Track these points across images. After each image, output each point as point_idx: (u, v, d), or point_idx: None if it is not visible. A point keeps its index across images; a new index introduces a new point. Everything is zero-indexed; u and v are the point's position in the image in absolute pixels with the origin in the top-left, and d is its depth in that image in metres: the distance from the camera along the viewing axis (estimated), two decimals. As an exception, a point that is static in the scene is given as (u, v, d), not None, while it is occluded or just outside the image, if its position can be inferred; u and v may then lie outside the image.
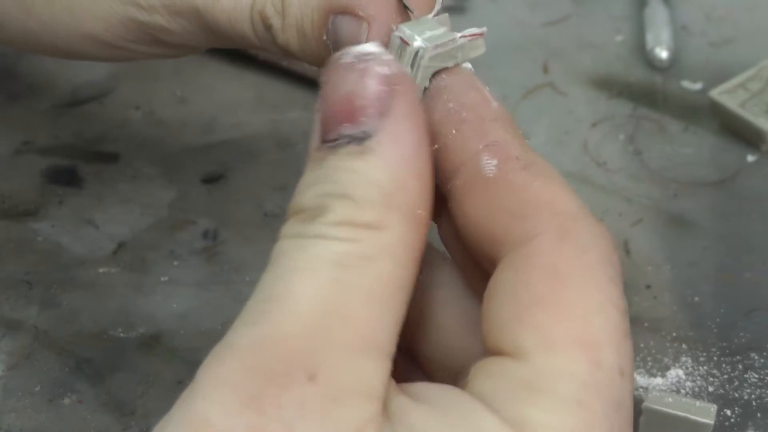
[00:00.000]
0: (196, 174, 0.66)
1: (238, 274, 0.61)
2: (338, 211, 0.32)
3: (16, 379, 0.56)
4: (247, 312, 0.32)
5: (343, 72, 0.34)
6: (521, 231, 0.33)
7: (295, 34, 0.43)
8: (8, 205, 0.64)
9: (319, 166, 0.33)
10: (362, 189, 0.32)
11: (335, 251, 0.32)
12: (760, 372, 0.56)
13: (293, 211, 0.33)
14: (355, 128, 0.33)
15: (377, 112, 0.33)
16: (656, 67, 0.72)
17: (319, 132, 0.34)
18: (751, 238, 0.62)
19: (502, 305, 0.33)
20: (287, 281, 0.32)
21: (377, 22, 0.39)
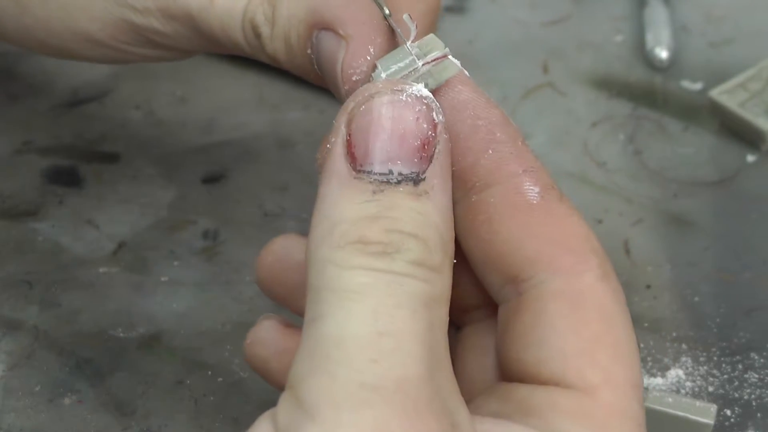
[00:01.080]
0: (196, 174, 0.66)
1: (238, 274, 0.61)
2: (413, 251, 0.33)
3: (16, 379, 0.56)
4: (360, 346, 0.32)
5: (403, 109, 0.34)
6: (569, 262, 0.35)
7: (282, 44, 0.43)
8: (8, 205, 0.64)
9: (370, 198, 0.33)
10: (429, 232, 0.33)
11: (423, 292, 0.32)
12: (760, 372, 0.56)
13: (351, 241, 0.33)
14: (408, 168, 0.34)
15: (428, 156, 0.34)
16: (656, 67, 0.72)
17: (357, 156, 0.34)
18: (751, 238, 0.62)
19: (561, 338, 0.34)
20: (393, 319, 0.32)
21: (355, 42, 0.40)
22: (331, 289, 0.33)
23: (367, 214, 0.33)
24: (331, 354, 0.32)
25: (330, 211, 0.34)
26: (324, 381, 0.31)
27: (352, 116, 0.35)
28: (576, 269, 0.35)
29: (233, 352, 0.57)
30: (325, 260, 0.33)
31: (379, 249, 0.33)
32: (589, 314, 0.35)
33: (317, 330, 0.32)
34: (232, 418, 0.54)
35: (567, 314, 0.35)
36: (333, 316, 0.32)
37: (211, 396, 0.55)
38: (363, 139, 0.34)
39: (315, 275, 0.33)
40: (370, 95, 0.35)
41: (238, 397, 0.55)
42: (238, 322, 0.58)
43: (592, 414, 0.34)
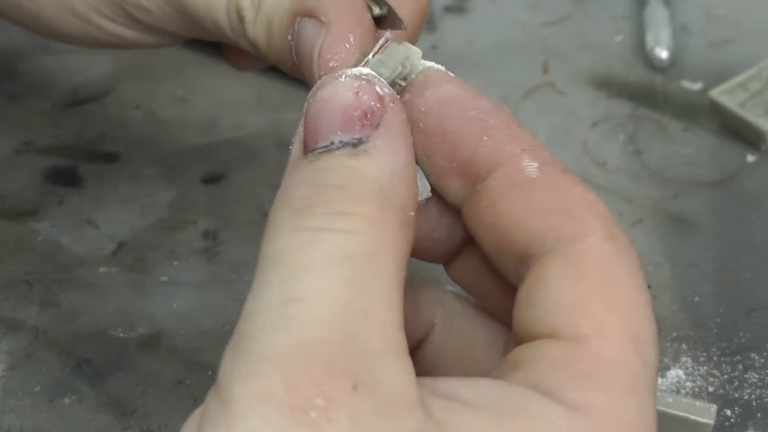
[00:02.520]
0: (196, 174, 0.66)
1: (238, 274, 0.61)
2: (338, 201, 0.32)
3: (16, 379, 0.56)
4: (265, 316, 0.31)
5: (341, 87, 0.35)
6: (572, 228, 0.35)
7: (264, 30, 0.44)
8: (8, 205, 0.64)
9: (308, 167, 0.34)
10: (360, 182, 0.33)
11: (342, 246, 0.31)
12: (760, 372, 0.56)
13: (282, 202, 0.33)
14: (348, 135, 0.34)
15: (371, 123, 0.34)
16: (656, 67, 0.72)
17: (306, 140, 0.35)
18: (751, 238, 0.62)
19: (556, 293, 0.34)
20: (302, 281, 0.31)
21: (335, 29, 0.40)
22: (258, 262, 0.32)
23: (296, 179, 0.33)
24: (242, 329, 0.31)
25: (282, 190, 0.34)
26: (232, 356, 0.31)
27: (306, 109, 0.35)
28: (578, 233, 0.35)
29: (233, 352, 0.57)
30: (265, 236, 0.33)
31: (301, 204, 0.32)
32: (587, 270, 0.34)
33: (247, 306, 0.32)
34: (232, 418, 0.54)
35: (564, 272, 0.34)
36: (252, 291, 0.31)
37: (211, 396, 0.55)
38: (312, 122, 0.35)
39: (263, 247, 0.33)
40: (318, 86, 0.36)
41: (238, 397, 0.55)
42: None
43: (577, 362, 0.33)
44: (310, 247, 0.31)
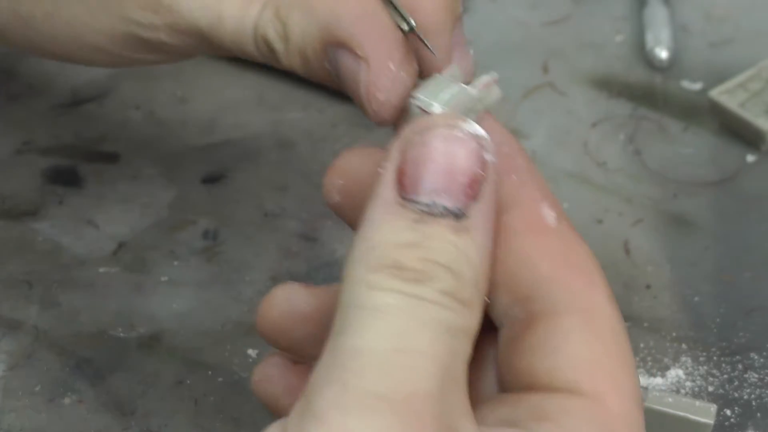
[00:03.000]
0: (196, 174, 0.66)
1: (238, 274, 0.61)
2: (445, 282, 0.34)
3: (16, 379, 0.56)
4: (376, 359, 0.33)
5: (455, 145, 0.35)
6: (584, 285, 0.37)
7: (298, 59, 0.44)
8: (8, 205, 0.64)
9: (411, 226, 0.35)
10: (463, 267, 0.34)
11: (446, 320, 0.34)
12: (760, 372, 0.56)
13: (386, 264, 0.34)
14: (452, 202, 0.35)
15: (474, 194, 0.35)
16: (656, 67, 0.72)
17: (404, 184, 0.35)
18: (751, 238, 0.62)
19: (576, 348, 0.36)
20: (414, 338, 0.33)
21: (374, 62, 0.40)
22: (359, 306, 0.34)
23: (405, 241, 0.34)
24: (347, 364, 0.33)
25: (371, 233, 0.35)
26: (336, 388, 0.32)
27: (407, 146, 0.35)
28: (587, 290, 0.37)
29: (233, 352, 0.57)
30: (358, 280, 0.34)
31: (411, 276, 0.34)
32: (600, 329, 0.37)
33: (337, 342, 0.33)
34: (232, 418, 0.54)
35: (581, 328, 0.36)
36: (355, 329, 0.33)
37: (211, 396, 0.55)
38: (413, 169, 0.35)
39: (346, 293, 0.34)
40: (426, 127, 0.35)
41: (238, 397, 0.55)
42: (238, 322, 0.58)
43: (601, 419, 0.35)
44: (420, 312, 0.33)
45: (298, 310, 0.41)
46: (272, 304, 0.42)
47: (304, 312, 0.41)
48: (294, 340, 0.42)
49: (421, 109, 0.38)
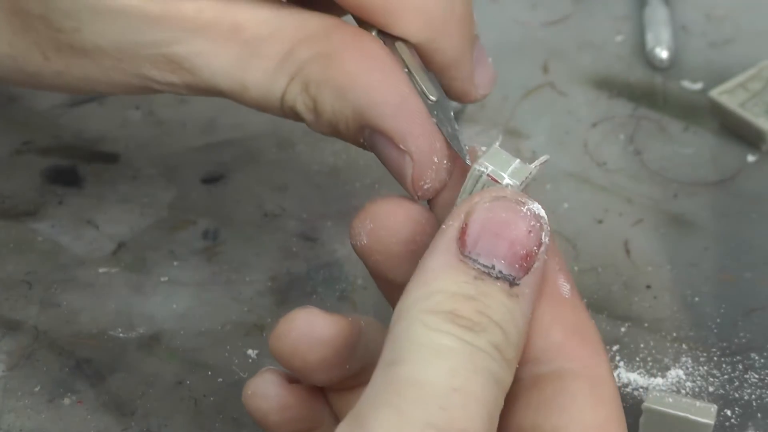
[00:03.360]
0: (196, 174, 0.66)
1: (238, 274, 0.61)
2: (495, 336, 0.37)
3: (16, 379, 0.56)
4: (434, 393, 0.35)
5: (520, 219, 0.38)
6: (591, 353, 0.40)
7: (329, 129, 0.44)
8: (8, 205, 0.64)
9: (471, 281, 0.37)
10: (511, 328, 0.37)
11: (496, 370, 0.37)
12: (761, 372, 0.56)
13: (445, 310, 0.37)
14: (508, 269, 0.38)
15: (527, 267, 0.38)
16: (656, 67, 0.72)
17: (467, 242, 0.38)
18: (751, 238, 0.62)
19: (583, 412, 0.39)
20: (469, 381, 0.36)
21: (419, 158, 0.42)
22: (416, 342, 0.36)
23: (464, 293, 0.37)
24: (404, 393, 0.35)
25: (431, 280, 0.37)
26: (393, 415, 0.35)
27: (474, 209, 0.38)
28: (594, 359, 0.40)
29: (233, 352, 0.57)
30: (416, 319, 0.36)
31: (467, 324, 0.36)
32: (605, 397, 0.39)
33: (394, 371, 0.36)
34: (232, 418, 0.54)
35: (587, 393, 0.39)
36: (413, 362, 0.36)
37: (211, 396, 0.55)
38: (478, 230, 0.38)
39: (403, 328, 0.37)
40: (497, 197, 0.38)
41: (238, 397, 0.55)
42: (238, 322, 0.58)
43: None
44: (475, 358, 0.36)
45: (316, 335, 0.42)
46: (292, 325, 0.42)
47: (322, 337, 0.42)
48: (307, 363, 0.43)
49: (492, 178, 0.40)
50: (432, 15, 0.43)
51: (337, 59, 0.43)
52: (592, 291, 0.60)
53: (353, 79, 0.42)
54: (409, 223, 0.43)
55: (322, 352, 0.42)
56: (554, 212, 0.64)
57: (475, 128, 0.68)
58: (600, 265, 0.61)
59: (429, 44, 0.44)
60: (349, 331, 0.43)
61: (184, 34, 0.44)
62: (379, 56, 0.43)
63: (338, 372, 0.43)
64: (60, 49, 0.45)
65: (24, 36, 0.46)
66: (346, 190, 0.65)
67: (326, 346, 0.42)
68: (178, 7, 0.44)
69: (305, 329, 0.42)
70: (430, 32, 0.43)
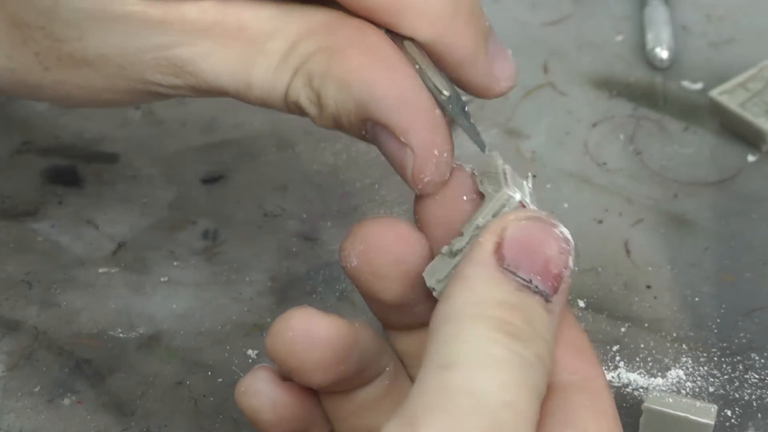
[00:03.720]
0: (196, 174, 0.66)
1: (238, 274, 0.61)
2: (540, 347, 0.38)
3: (16, 379, 0.56)
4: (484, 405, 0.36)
5: (553, 240, 0.40)
6: (590, 368, 0.41)
7: (332, 122, 0.44)
8: (8, 205, 0.64)
9: (514, 291, 0.38)
10: (551, 341, 0.39)
11: (539, 383, 0.38)
12: (761, 372, 0.56)
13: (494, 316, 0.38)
14: (543, 286, 0.39)
15: (557, 286, 0.39)
16: (656, 67, 0.72)
17: (506, 255, 0.39)
18: (751, 238, 0.62)
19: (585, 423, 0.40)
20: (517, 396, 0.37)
21: (421, 151, 0.42)
22: (471, 348, 0.37)
23: (510, 302, 0.38)
24: (460, 402, 0.36)
25: (477, 286, 0.38)
26: (448, 422, 0.35)
27: (509, 225, 0.39)
28: (591, 371, 0.41)
29: (233, 352, 0.57)
30: (467, 323, 0.37)
31: (515, 331, 0.37)
32: (605, 409, 0.40)
33: (448, 377, 0.36)
34: (232, 418, 0.54)
35: (589, 406, 0.40)
36: (467, 370, 0.36)
37: (211, 396, 0.55)
38: (516, 246, 0.39)
39: (453, 331, 0.37)
40: (531, 217, 0.40)
41: (238, 397, 0.55)
42: (238, 322, 0.58)
43: None
44: (524, 371, 0.37)
45: (314, 335, 0.42)
46: (289, 324, 0.42)
47: (320, 337, 0.42)
48: (303, 364, 0.42)
49: (522, 205, 0.42)
50: (437, 13, 0.43)
51: (341, 53, 0.43)
52: (592, 291, 0.60)
53: (356, 73, 0.42)
54: (399, 244, 0.43)
55: (319, 353, 0.42)
56: (554, 212, 0.63)
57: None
58: (600, 265, 0.61)
59: (438, 42, 0.43)
60: (347, 332, 0.42)
61: (187, 36, 0.44)
62: (383, 50, 0.43)
63: (334, 374, 0.43)
64: (61, 59, 0.45)
65: (24, 48, 0.45)
66: (346, 190, 0.65)
67: (323, 346, 0.42)
68: (180, 10, 0.43)
69: (302, 329, 0.42)
70: (437, 30, 0.43)
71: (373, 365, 0.44)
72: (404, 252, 0.43)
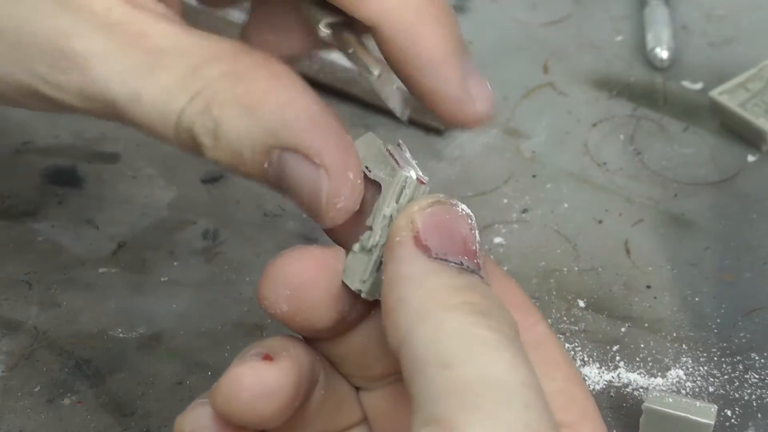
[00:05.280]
0: (196, 174, 0.66)
1: (238, 274, 0.61)
2: (506, 317, 0.37)
3: (16, 379, 0.56)
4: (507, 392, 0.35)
5: (461, 219, 0.39)
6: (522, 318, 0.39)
7: (228, 156, 0.42)
8: (8, 205, 0.64)
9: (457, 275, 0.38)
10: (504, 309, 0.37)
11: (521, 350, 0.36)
12: (761, 372, 0.56)
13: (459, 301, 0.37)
14: (471, 264, 0.38)
15: (479, 263, 0.39)
16: (656, 67, 0.72)
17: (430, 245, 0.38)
18: (751, 238, 0.62)
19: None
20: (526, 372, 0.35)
21: (335, 172, 0.40)
22: (461, 339, 0.36)
23: (462, 285, 0.37)
24: (486, 394, 0.34)
25: (422, 281, 0.37)
26: (486, 418, 0.34)
27: (417, 216, 0.38)
28: (527, 323, 0.40)
29: (233, 353, 0.57)
30: (440, 318, 0.36)
31: (484, 309, 0.36)
32: (554, 358, 0.40)
33: (457, 373, 0.35)
34: (232, 418, 0.54)
35: (536, 360, 0.37)
36: (472, 361, 0.35)
37: (211, 396, 0.55)
38: (434, 234, 0.38)
39: (432, 331, 0.36)
40: (434, 202, 0.39)
41: (238, 397, 0.55)
42: (238, 322, 0.58)
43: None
44: (516, 347, 0.36)
45: (269, 389, 0.40)
46: (241, 386, 0.40)
47: (274, 390, 0.40)
48: (263, 417, 0.40)
49: (420, 181, 0.40)
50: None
51: (247, 77, 0.41)
52: (592, 291, 0.60)
53: (264, 97, 0.40)
54: (322, 271, 0.41)
55: (276, 404, 0.40)
56: (554, 212, 0.64)
57: (474, 128, 0.68)
58: (600, 265, 0.61)
59: (403, 34, 0.42)
60: (296, 371, 0.41)
61: (87, 27, 0.41)
62: (290, 76, 0.41)
63: (291, 412, 0.41)
64: None
65: None
66: (346, 190, 0.65)
67: (279, 396, 0.40)
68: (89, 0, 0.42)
69: (257, 387, 0.40)
70: (401, 17, 0.42)
71: (313, 381, 0.42)
72: (330, 276, 0.41)
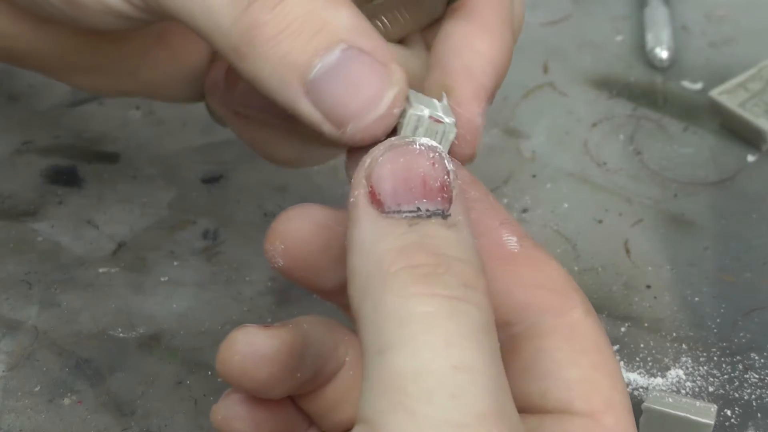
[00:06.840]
0: (196, 174, 0.66)
1: (238, 274, 0.61)
2: (465, 273, 0.34)
3: (16, 379, 0.56)
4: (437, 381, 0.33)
5: (419, 155, 0.36)
6: (558, 303, 0.38)
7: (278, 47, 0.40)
8: (8, 205, 0.64)
9: (408, 230, 0.35)
10: (471, 256, 0.35)
11: (479, 319, 0.34)
12: (761, 372, 0.56)
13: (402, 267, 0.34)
14: (434, 205, 0.36)
15: (449, 197, 0.36)
16: (656, 67, 0.72)
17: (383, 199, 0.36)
18: (751, 238, 0.62)
19: (563, 367, 0.38)
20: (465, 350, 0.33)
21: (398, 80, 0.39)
22: (395, 319, 0.34)
23: (410, 242, 0.35)
24: (409, 389, 0.32)
25: (370, 247, 0.35)
26: (406, 418, 0.32)
27: (371, 169, 0.36)
28: (564, 308, 0.39)
29: (233, 352, 0.57)
30: (380, 292, 0.34)
31: (428, 271, 0.34)
32: (584, 346, 0.38)
33: (388, 362, 0.33)
34: (232, 418, 0.54)
35: (565, 347, 0.37)
36: (403, 348, 0.33)
37: (211, 396, 0.55)
38: (387, 185, 0.36)
39: (372, 308, 0.34)
40: (386, 148, 0.37)
41: (238, 397, 0.55)
42: (238, 322, 0.58)
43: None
44: (458, 316, 0.33)
45: (260, 353, 0.41)
46: (233, 349, 0.41)
47: (266, 354, 0.41)
48: (258, 382, 0.41)
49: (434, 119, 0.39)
50: None
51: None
52: (592, 291, 0.60)
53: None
54: (319, 231, 0.41)
55: (268, 368, 0.41)
56: (554, 212, 0.64)
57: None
58: (600, 265, 0.61)
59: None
60: (293, 340, 0.41)
61: None
62: None
63: (291, 382, 0.42)
64: None
65: None
66: (346, 191, 0.65)
67: (272, 361, 0.41)
68: None
69: (247, 350, 0.41)
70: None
71: (331, 360, 0.43)
72: (327, 237, 0.41)
